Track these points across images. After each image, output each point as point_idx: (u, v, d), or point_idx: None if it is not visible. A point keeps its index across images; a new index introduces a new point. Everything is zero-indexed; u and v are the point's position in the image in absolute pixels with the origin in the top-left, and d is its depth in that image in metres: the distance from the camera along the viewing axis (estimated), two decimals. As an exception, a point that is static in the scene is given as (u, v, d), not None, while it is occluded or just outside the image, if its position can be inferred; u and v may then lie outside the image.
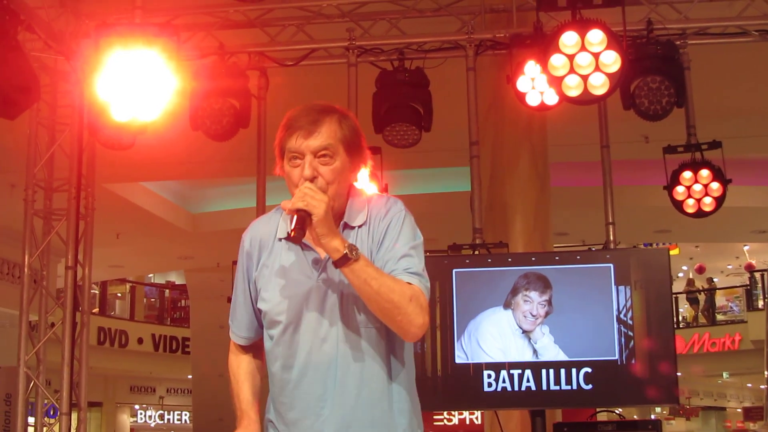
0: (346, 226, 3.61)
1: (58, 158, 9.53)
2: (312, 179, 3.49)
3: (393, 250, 3.55)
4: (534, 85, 8.77)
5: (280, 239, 3.66)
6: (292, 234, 3.38)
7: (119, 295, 32.59)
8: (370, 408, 3.52)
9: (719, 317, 31.36)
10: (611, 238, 8.68)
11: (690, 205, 8.89)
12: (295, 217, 3.38)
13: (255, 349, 3.86)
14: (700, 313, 31.39)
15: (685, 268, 33.79)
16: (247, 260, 3.73)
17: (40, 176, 9.41)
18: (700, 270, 32.89)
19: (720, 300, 32.52)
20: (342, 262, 3.37)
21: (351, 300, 3.53)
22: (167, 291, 35.02)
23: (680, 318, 32.19)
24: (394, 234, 3.58)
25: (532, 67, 8.66)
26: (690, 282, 32.78)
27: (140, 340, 30.20)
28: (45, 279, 9.40)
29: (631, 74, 8.30)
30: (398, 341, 3.61)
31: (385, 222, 3.60)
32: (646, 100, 8.33)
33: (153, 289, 34.92)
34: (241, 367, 3.82)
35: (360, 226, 3.62)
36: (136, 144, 9.28)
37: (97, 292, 29.87)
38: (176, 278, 34.61)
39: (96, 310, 29.37)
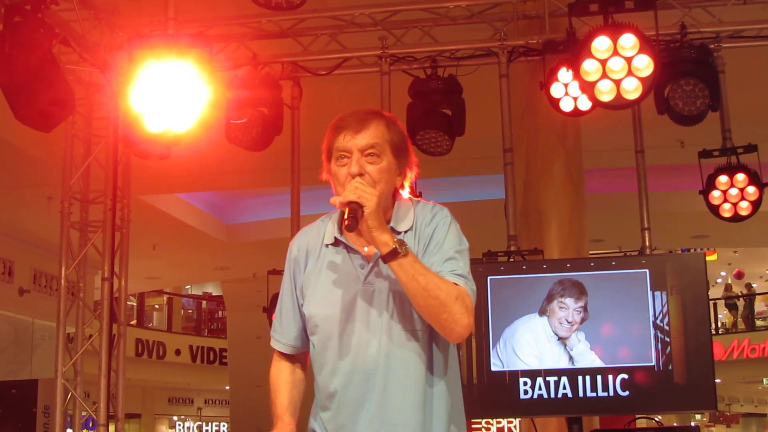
0: (392, 230, 3.61)
1: (94, 170, 9.56)
2: (359, 176, 3.53)
3: (439, 253, 3.57)
4: (567, 90, 8.76)
5: (327, 245, 3.70)
6: (346, 223, 3.41)
7: (156, 306, 32.74)
8: (411, 412, 3.52)
9: (759, 323, 31.10)
10: (647, 243, 8.63)
11: (726, 210, 8.83)
12: (347, 208, 3.42)
13: (298, 359, 3.88)
14: (739, 319, 31.16)
15: (723, 273, 33.57)
16: (294, 267, 3.78)
17: (75, 188, 9.46)
18: (739, 275, 32.66)
19: (759, 305, 32.26)
20: (391, 256, 3.40)
21: (397, 303, 3.55)
22: (204, 302, 35.15)
23: (719, 324, 31.98)
24: (439, 238, 3.61)
25: (565, 73, 8.65)
26: (728, 287, 32.56)
27: (178, 352, 30.32)
28: (82, 291, 9.43)
29: (665, 78, 8.27)
30: (442, 346, 3.63)
31: (431, 227, 3.63)
32: (680, 102, 8.30)
33: (190, 300, 35.05)
34: (280, 377, 3.85)
35: (406, 231, 3.64)
36: (171, 155, 9.33)
37: (134, 304, 30.03)
38: (213, 289, 34.74)
39: (134, 321, 29.53)
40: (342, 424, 3.57)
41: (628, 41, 7.42)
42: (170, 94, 7.74)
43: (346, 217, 3.42)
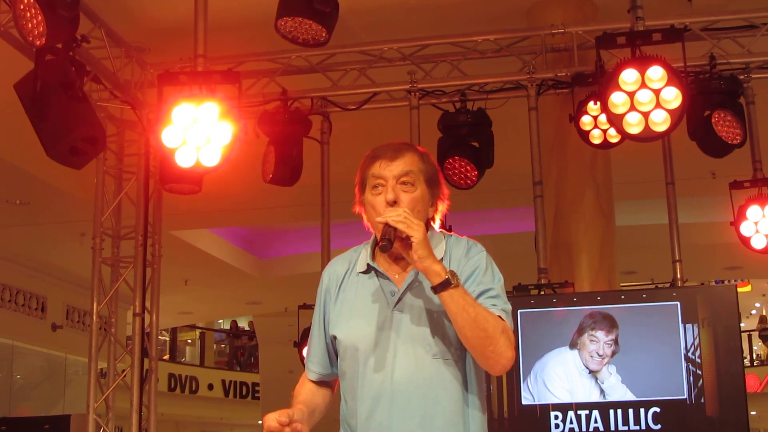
0: None
1: (125, 206, 9.63)
2: (393, 203, 3.59)
3: (479, 287, 3.59)
4: (597, 123, 8.76)
5: (359, 273, 3.74)
6: (381, 243, 3.47)
7: (189, 341, 32.76)
8: None
9: (794, 354, 30.82)
10: (678, 275, 8.59)
11: (758, 241, 8.78)
12: (388, 229, 3.48)
13: (326, 386, 3.91)
14: (774, 351, 30.89)
15: (758, 305, 33.29)
16: (325, 296, 3.82)
17: (107, 224, 9.51)
18: (774, 307, 32.39)
19: (794, 337, 31.94)
20: (443, 286, 3.43)
21: (426, 330, 3.57)
22: (237, 337, 35.16)
23: (754, 356, 31.68)
24: (478, 273, 3.63)
25: (594, 106, 8.67)
26: (762, 319, 32.28)
27: (210, 386, 30.32)
28: (113, 326, 9.47)
29: (695, 109, 8.27)
30: (471, 377, 3.64)
31: (468, 261, 3.66)
32: (724, 130, 8.30)
33: (223, 334, 35.07)
34: (303, 387, 3.88)
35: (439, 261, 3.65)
36: (202, 191, 9.39)
37: (167, 339, 30.08)
38: (245, 324, 34.74)
39: (166, 356, 29.56)
40: None
41: (656, 73, 7.41)
42: (200, 130, 7.79)
43: (382, 237, 3.47)
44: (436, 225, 3.81)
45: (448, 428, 3.54)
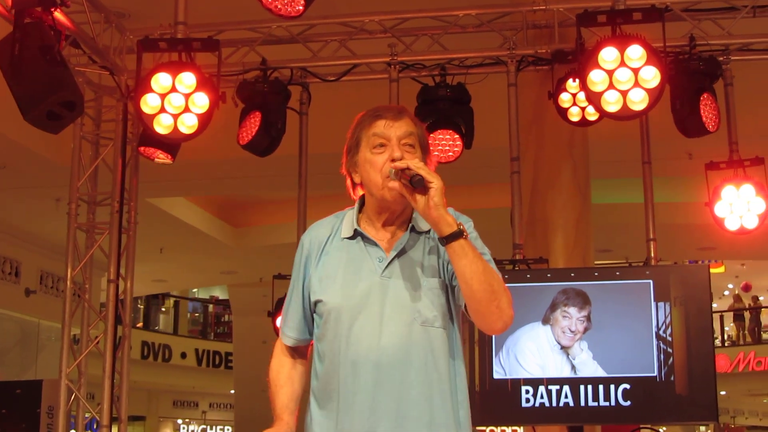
0: (414, 229, 3.71)
1: (102, 172, 9.59)
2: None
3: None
4: (575, 100, 8.78)
5: (344, 238, 3.75)
6: (416, 179, 3.47)
7: (163, 309, 32.77)
8: (431, 408, 3.55)
9: (765, 336, 31.03)
10: (652, 254, 8.65)
11: (732, 222, 8.82)
12: (407, 173, 3.50)
13: (299, 352, 3.92)
14: (745, 332, 31.09)
15: (730, 286, 33.50)
16: (306, 259, 3.82)
17: (83, 190, 9.48)
18: (746, 288, 32.57)
19: (766, 318, 32.17)
20: (454, 236, 3.45)
21: (414, 297, 3.59)
22: (211, 306, 35.18)
23: (725, 336, 31.91)
24: (472, 239, 3.64)
25: (573, 83, 8.68)
26: (737, 298, 32.49)
27: (183, 355, 30.35)
28: (87, 292, 9.45)
29: (684, 86, 8.33)
30: (458, 346, 3.70)
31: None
32: (709, 113, 8.36)
33: (197, 304, 35.09)
34: (281, 372, 3.87)
35: (427, 232, 3.71)
36: (179, 158, 9.39)
37: (141, 306, 30.07)
38: (220, 293, 34.77)
39: (140, 324, 29.56)
40: (344, 418, 3.58)
41: (636, 52, 7.43)
42: (179, 98, 7.80)
43: (411, 177, 3.47)
44: None
45: (437, 397, 3.57)
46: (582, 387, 7.16)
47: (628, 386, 7.12)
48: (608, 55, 7.49)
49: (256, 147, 8.98)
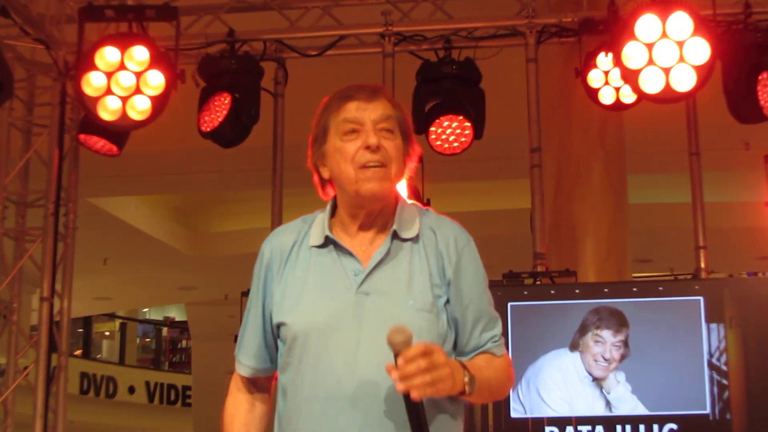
0: (396, 235, 3.68)
1: (34, 166, 9.58)
2: (377, 149, 3.59)
3: (471, 307, 3.65)
4: (608, 79, 8.79)
5: (312, 246, 3.73)
6: None
7: (107, 333, 32.73)
8: None
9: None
10: (702, 265, 8.66)
11: (798, 226, 8.86)
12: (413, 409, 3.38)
13: (260, 387, 3.91)
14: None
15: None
16: (266, 272, 3.80)
17: (12, 188, 9.49)
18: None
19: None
20: (461, 395, 3.48)
21: (397, 317, 3.48)
22: (165, 329, 35.17)
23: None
24: (470, 278, 3.68)
25: (605, 59, 8.70)
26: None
27: (131, 389, 30.32)
28: (16, 313, 9.44)
29: (739, 63, 8.32)
30: None
31: (454, 252, 3.68)
32: (752, 96, 8.34)
33: (148, 326, 35.07)
34: (236, 416, 3.87)
35: (411, 239, 3.69)
36: (128, 150, 9.38)
37: (80, 330, 30.03)
38: (176, 314, 34.75)
39: (78, 351, 29.52)
40: None
41: (680, 22, 7.45)
42: (128, 77, 7.81)
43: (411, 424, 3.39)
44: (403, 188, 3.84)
45: None
46: (619, 427, 7.17)
47: (674, 426, 7.13)
48: (647, 25, 7.51)
49: (223, 136, 8.97)
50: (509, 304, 7.38)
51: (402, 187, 8.48)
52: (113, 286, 20.79)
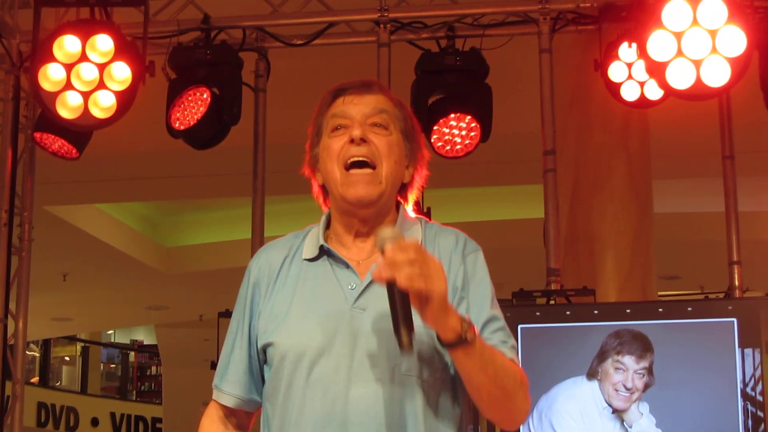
0: None
1: (-16, 170, 9.59)
2: (360, 141, 3.59)
3: (481, 313, 3.63)
4: (631, 73, 8.80)
5: (305, 259, 3.73)
6: (403, 342, 3.34)
7: (67, 359, 32.70)
8: None
9: None
10: (736, 282, 8.66)
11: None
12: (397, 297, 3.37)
13: (237, 425, 3.89)
14: None
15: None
16: (252, 292, 3.79)
17: (-41, 195, 9.50)
18: None
19: None
20: (458, 344, 3.39)
21: (392, 338, 3.46)
22: (132, 354, 35.15)
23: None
24: (479, 288, 3.67)
25: (627, 50, 8.70)
26: None
27: (95, 421, 30.30)
28: (-35, 335, 9.45)
29: (764, 58, 8.32)
30: (451, 402, 3.63)
31: (461, 262, 3.68)
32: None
33: (114, 351, 35.05)
34: None
35: None
36: (90, 152, 9.37)
37: (36, 354, 30.00)
38: (145, 337, 34.73)
39: (35, 379, 29.49)
40: None
41: (713, 9, 7.46)
42: (91, 69, 7.81)
43: (397, 329, 3.35)
44: (410, 209, 3.82)
45: None
46: (642, 464, 7.18)
47: (704, 463, 7.14)
48: (676, 11, 7.52)
49: (198, 137, 8.96)
50: (520, 326, 7.38)
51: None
52: (74, 306, 20.77)
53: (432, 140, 8.83)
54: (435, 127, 8.83)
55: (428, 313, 3.33)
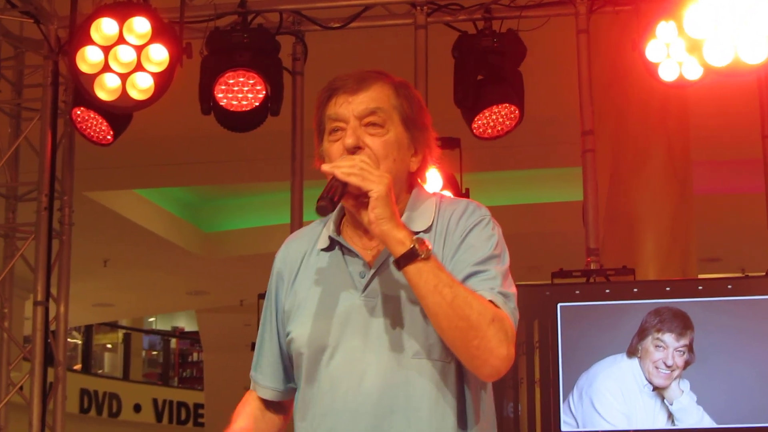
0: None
1: (25, 156, 9.60)
2: (354, 150, 3.58)
3: (469, 257, 3.58)
4: (670, 52, 8.75)
5: (321, 249, 3.74)
6: (320, 203, 3.43)
7: (109, 346, 32.81)
8: None
9: None
10: (777, 262, 8.63)
11: None
12: (334, 183, 3.46)
13: (278, 409, 3.93)
14: None
15: None
16: (277, 284, 3.83)
17: (0, 180, 9.50)
18: None
19: None
20: (407, 259, 3.39)
21: (409, 322, 3.54)
22: (174, 340, 35.22)
23: None
24: (475, 241, 3.61)
25: (666, 28, 8.66)
26: None
27: (137, 407, 30.39)
28: (7, 319, 9.45)
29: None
30: (473, 385, 3.61)
31: (461, 226, 3.64)
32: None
33: (155, 338, 35.14)
34: (242, 414, 3.90)
35: (424, 231, 3.64)
36: (128, 137, 9.38)
37: (79, 342, 30.11)
38: (186, 323, 34.81)
39: (78, 366, 29.60)
40: None
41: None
42: (128, 51, 7.82)
43: (321, 196, 3.44)
44: (430, 185, 3.79)
45: None
46: (683, 442, 7.16)
47: (746, 441, 7.11)
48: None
49: (243, 122, 8.95)
50: (559, 304, 7.36)
51: (434, 179, 8.51)
52: (114, 291, 20.83)
53: (478, 126, 8.81)
54: (481, 114, 8.81)
55: (371, 216, 3.40)
